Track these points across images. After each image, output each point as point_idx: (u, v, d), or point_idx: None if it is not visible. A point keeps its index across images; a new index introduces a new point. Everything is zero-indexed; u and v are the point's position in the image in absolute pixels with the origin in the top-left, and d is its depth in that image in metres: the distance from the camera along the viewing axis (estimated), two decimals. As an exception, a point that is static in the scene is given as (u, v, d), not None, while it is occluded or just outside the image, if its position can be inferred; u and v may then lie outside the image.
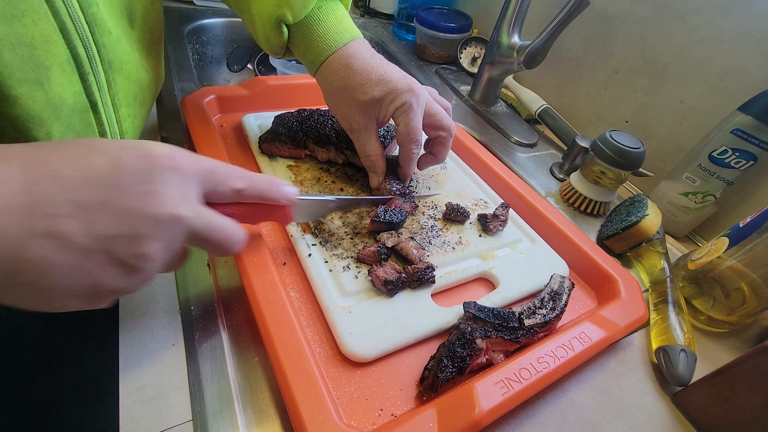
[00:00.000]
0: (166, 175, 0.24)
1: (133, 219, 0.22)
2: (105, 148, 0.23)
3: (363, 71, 0.40)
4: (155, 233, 0.23)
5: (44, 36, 0.28)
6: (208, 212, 0.26)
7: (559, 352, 0.33)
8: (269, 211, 0.33)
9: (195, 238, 0.26)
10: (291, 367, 0.28)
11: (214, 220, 0.27)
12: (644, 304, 0.40)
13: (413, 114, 0.40)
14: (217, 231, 0.27)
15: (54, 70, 0.29)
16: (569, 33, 0.63)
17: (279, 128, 0.48)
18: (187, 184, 0.25)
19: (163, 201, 0.23)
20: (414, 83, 0.41)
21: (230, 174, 0.29)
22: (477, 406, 0.28)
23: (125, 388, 0.29)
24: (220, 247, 0.28)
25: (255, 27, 0.42)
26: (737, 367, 0.33)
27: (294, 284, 0.37)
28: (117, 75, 0.35)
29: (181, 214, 0.24)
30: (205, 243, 0.27)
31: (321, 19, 0.40)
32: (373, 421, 0.29)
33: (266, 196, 0.31)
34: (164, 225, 0.23)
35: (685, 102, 0.58)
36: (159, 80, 0.45)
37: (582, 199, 0.56)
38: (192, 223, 0.25)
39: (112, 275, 0.23)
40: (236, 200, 0.30)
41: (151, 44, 0.41)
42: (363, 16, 1.01)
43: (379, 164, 0.43)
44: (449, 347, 0.31)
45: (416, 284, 0.37)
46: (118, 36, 0.35)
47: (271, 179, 0.31)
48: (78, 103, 0.32)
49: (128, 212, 0.22)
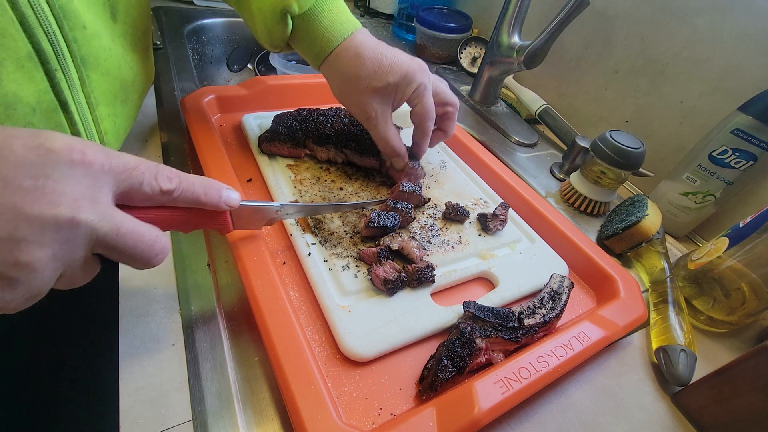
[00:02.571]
0: (67, 171, 0.20)
1: (14, 219, 0.19)
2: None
3: (374, 59, 0.40)
4: (41, 238, 0.20)
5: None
6: (119, 216, 0.23)
7: (559, 351, 0.33)
8: (205, 219, 0.29)
9: (101, 246, 0.22)
10: (290, 367, 0.28)
11: (125, 225, 0.23)
12: (643, 304, 0.40)
13: (428, 93, 0.42)
14: (130, 238, 0.23)
15: (7, 66, 0.27)
16: (569, 33, 0.63)
17: (278, 128, 0.48)
18: (95, 183, 0.21)
19: (57, 201, 0.20)
20: (422, 63, 0.42)
21: (158, 173, 0.25)
22: (476, 405, 0.28)
23: (125, 388, 0.29)
24: (135, 258, 0.24)
25: (255, 21, 0.41)
26: (737, 367, 0.33)
27: (293, 283, 0.37)
28: (92, 72, 0.33)
29: (80, 218, 0.20)
30: (114, 253, 0.23)
31: (325, 10, 0.40)
32: (372, 420, 0.29)
33: (203, 201, 0.27)
34: (54, 229, 0.20)
35: (685, 102, 0.58)
36: (147, 77, 0.44)
37: (582, 199, 0.56)
38: (95, 228, 0.21)
39: None
40: (164, 204, 0.26)
41: (136, 39, 0.40)
42: (363, 16, 1.01)
43: (400, 147, 0.44)
44: (449, 347, 0.31)
45: (416, 283, 0.37)
46: (95, 31, 0.33)
47: (209, 181, 0.28)
48: (43, 102, 0.30)
49: (7, 210, 0.19)
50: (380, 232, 0.40)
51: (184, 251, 0.39)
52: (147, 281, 0.36)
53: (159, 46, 0.67)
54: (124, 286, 0.35)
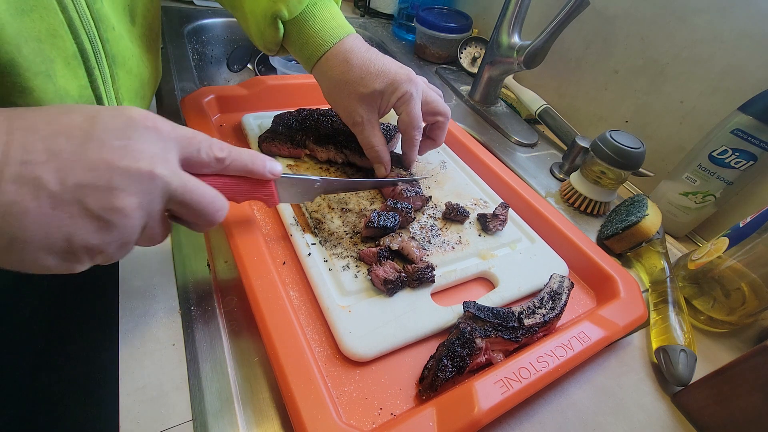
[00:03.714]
0: (144, 134, 0.24)
1: (108, 171, 0.22)
2: (82, 108, 0.23)
3: (362, 65, 0.40)
4: (130, 187, 0.23)
5: (51, 30, 0.28)
6: (186, 174, 0.26)
7: (559, 351, 0.33)
8: (253, 188, 0.32)
9: (174, 201, 0.25)
10: (290, 366, 0.28)
11: (191, 182, 0.26)
12: (643, 304, 0.40)
13: (414, 103, 0.42)
14: (198, 195, 0.26)
15: (58, 63, 0.30)
16: (569, 33, 0.63)
17: (278, 127, 0.48)
18: (165, 145, 0.25)
19: (140, 156, 0.23)
20: (411, 73, 0.42)
21: (212, 143, 0.28)
22: (476, 405, 0.28)
23: (125, 388, 0.29)
24: (202, 213, 0.27)
25: (248, 24, 0.42)
26: (737, 367, 0.33)
27: (293, 283, 0.37)
28: (120, 70, 0.36)
29: (156, 171, 0.24)
30: (184, 208, 0.26)
31: (316, 15, 0.40)
32: (372, 420, 0.29)
33: (250, 168, 0.30)
34: (140, 180, 0.23)
35: (685, 102, 0.58)
36: (158, 76, 0.46)
37: (582, 199, 0.56)
38: (170, 182, 0.24)
39: (85, 228, 0.22)
40: (218, 171, 0.29)
41: (151, 40, 0.42)
42: (363, 16, 1.01)
43: (384, 154, 0.44)
44: (449, 347, 0.31)
45: (416, 284, 0.37)
46: (120, 32, 0.35)
47: (255, 153, 0.31)
48: (83, 97, 0.33)
49: (103, 163, 0.22)
50: (380, 232, 0.40)
51: (184, 251, 0.39)
52: (147, 281, 0.36)
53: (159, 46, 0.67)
54: (124, 286, 0.35)
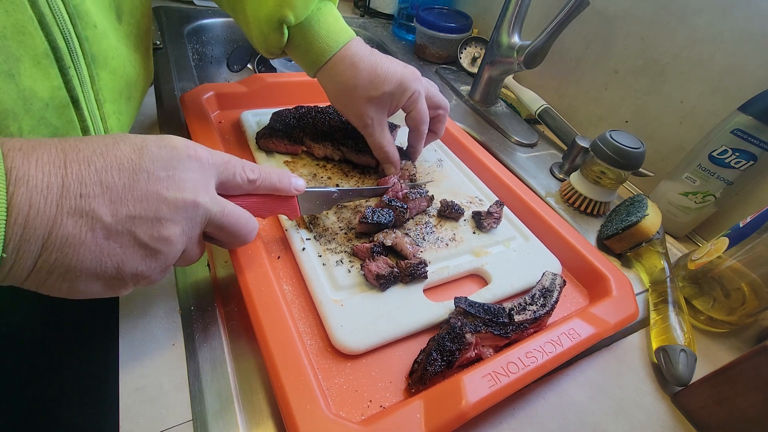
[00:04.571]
0: (187, 163, 0.25)
1: (156, 201, 0.23)
2: (129, 139, 0.24)
3: (369, 69, 0.41)
4: (176, 217, 0.24)
5: (17, 26, 0.26)
6: (223, 200, 0.28)
7: (548, 347, 0.32)
8: (278, 204, 0.34)
9: (212, 225, 0.27)
10: (281, 358, 0.28)
11: (228, 207, 0.28)
12: (635, 303, 0.39)
13: (422, 100, 0.44)
14: (233, 217, 0.28)
15: (25, 62, 0.28)
16: (569, 33, 0.63)
17: (276, 124, 0.48)
18: (204, 173, 0.27)
19: (184, 187, 0.25)
20: (415, 71, 0.44)
21: (244, 166, 0.30)
22: (464, 398, 0.28)
23: (125, 388, 0.29)
24: (237, 235, 0.29)
25: (250, 28, 0.41)
26: (737, 367, 0.33)
27: (287, 278, 0.37)
28: (101, 70, 0.34)
29: (199, 200, 0.25)
30: (221, 230, 0.28)
31: (321, 20, 0.40)
32: (361, 412, 0.29)
33: (277, 187, 0.33)
34: (184, 209, 0.25)
35: (685, 102, 0.58)
36: (148, 76, 0.44)
37: (582, 199, 0.55)
38: (210, 209, 0.26)
39: (134, 257, 0.24)
40: (249, 191, 0.31)
41: (139, 39, 0.41)
42: (363, 16, 1.01)
43: (394, 154, 0.46)
44: (439, 341, 0.31)
45: (408, 279, 0.37)
46: (104, 30, 0.33)
47: (281, 171, 0.33)
48: (56, 98, 0.30)
49: (151, 195, 0.23)
50: (374, 228, 0.40)
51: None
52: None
53: (159, 46, 0.67)
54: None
